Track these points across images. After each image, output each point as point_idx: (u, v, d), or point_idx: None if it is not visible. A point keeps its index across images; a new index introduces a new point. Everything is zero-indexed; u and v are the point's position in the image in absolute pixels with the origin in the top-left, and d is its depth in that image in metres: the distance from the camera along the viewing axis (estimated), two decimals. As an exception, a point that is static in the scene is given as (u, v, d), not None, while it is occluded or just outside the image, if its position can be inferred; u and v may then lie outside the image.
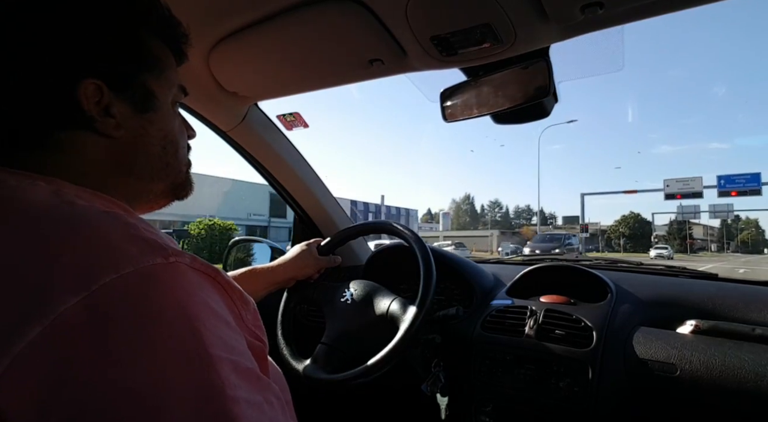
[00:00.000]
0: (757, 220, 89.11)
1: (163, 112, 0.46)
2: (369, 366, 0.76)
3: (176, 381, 0.28)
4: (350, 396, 1.25)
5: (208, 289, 0.35)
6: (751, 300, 0.90)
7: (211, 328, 0.32)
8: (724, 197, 23.90)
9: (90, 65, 0.39)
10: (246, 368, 0.33)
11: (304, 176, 1.24)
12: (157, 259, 0.32)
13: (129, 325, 0.29)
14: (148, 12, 0.43)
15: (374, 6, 0.67)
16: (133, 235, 0.33)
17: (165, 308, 0.30)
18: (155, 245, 0.33)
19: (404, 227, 0.92)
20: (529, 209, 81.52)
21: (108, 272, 0.29)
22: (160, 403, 0.28)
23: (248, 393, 0.32)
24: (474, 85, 0.84)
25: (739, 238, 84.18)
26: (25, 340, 0.27)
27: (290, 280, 0.96)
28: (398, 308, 0.81)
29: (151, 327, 0.29)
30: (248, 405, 0.31)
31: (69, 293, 0.28)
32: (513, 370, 0.88)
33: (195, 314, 0.31)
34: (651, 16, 0.65)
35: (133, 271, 0.30)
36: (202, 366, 0.30)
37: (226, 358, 0.31)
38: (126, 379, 0.27)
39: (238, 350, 0.33)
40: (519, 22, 0.66)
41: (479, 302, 1.04)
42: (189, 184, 0.51)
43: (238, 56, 0.83)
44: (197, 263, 0.35)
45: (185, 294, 0.32)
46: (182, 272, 0.33)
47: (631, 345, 0.83)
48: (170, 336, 0.29)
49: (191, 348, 0.30)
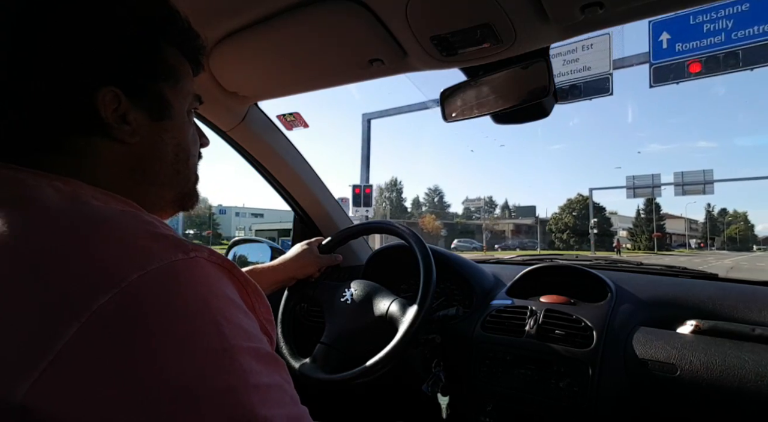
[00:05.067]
0: (745, 213, 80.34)
1: (178, 120, 0.47)
2: (368, 367, 0.76)
3: (206, 371, 0.30)
4: (350, 396, 1.25)
5: (225, 281, 0.36)
6: (751, 300, 0.90)
7: (231, 318, 0.33)
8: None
9: (109, 74, 0.41)
10: (265, 352, 0.35)
11: (304, 175, 1.25)
12: (178, 255, 0.33)
13: (158, 319, 0.30)
14: (167, 24, 0.45)
15: (374, 6, 0.67)
16: (153, 232, 0.35)
17: (189, 302, 0.32)
18: (175, 241, 0.34)
19: (405, 227, 0.92)
20: (492, 201, 67.50)
21: (135, 269, 0.30)
22: (197, 392, 0.29)
23: (269, 376, 0.34)
24: (474, 85, 0.84)
25: (725, 233, 74.56)
26: (65, 338, 0.27)
27: (291, 279, 0.97)
28: (398, 309, 0.81)
29: (178, 321, 0.30)
30: (269, 388, 0.33)
31: (100, 291, 0.29)
32: (513, 370, 0.88)
33: (216, 307, 0.33)
34: (651, 15, 0.65)
35: (157, 267, 0.31)
36: (225, 357, 0.31)
37: (247, 346, 0.33)
38: (162, 370, 0.29)
39: (257, 336, 0.35)
40: (519, 22, 0.66)
41: (479, 302, 1.04)
42: (195, 195, 0.53)
43: (238, 56, 0.83)
44: (214, 256, 0.36)
45: (206, 288, 0.33)
46: (202, 267, 0.34)
47: (631, 345, 0.83)
48: (196, 329, 0.31)
49: (215, 340, 0.31)
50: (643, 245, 47.96)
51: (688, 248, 58.68)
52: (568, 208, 48.92)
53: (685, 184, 27.25)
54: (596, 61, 11.49)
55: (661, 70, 10.47)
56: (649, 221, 48.93)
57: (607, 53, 11.40)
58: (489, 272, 1.17)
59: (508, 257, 1.47)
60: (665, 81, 10.52)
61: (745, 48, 9.55)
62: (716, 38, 9.84)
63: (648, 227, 48.91)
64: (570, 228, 47.20)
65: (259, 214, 59.16)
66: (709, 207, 75.36)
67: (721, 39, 9.80)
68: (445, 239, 43.16)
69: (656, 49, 10.53)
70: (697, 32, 10.08)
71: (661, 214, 51.83)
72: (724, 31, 9.81)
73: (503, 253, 29.10)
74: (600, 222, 41.82)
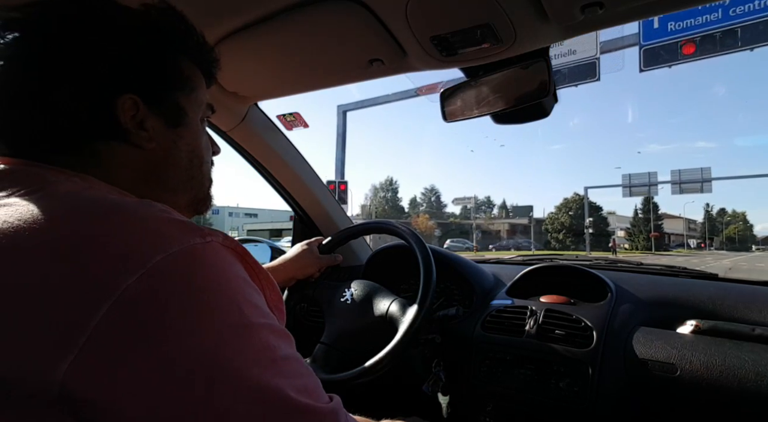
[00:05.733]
0: (744, 213, 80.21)
1: (193, 127, 0.50)
2: (368, 367, 0.76)
3: (230, 345, 0.32)
4: (350, 397, 1.25)
5: (238, 265, 0.38)
6: (751, 300, 0.90)
7: (248, 298, 0.36)
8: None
9: (129, 83, 0.43)
10: (279, 328, 0.37)
11: (304, 175, 1.25)
12: (196, 239, 0.35)
13: (182, 298, 0.32)
14: (184, 39, 0.48)
15: (374, 6, 0.67)
16: (170, 218, 0.36)
17: (210, 282, 0.34)
18: (192, 226, 0.36)
19: (405, 227, 0.92)
20: (489, 201, 68.55)
21: (158, 252, 0.32)
22: (224, 364, 0.31)
23: (286, 349, 0.37)
24: (474, 85, 0.84)
25: (724, 233, 74.61)
26: (97, 317, 0.29)
27: (291, 279, 0.97)
28: (398, 309, 0.81)
29: (201, 299, 0.32)
30: (287, 360, 0.36)
31: (128, 272, 0.31)
32: (513, 370, 0.88)
33: (234, 286, 0.35)
34: (651, 15, 0.65)
35: (178, 250, 0.33)
36: (248, 333, 0.34)
37: (264, 323, 0.36)
38: (189, 345, 0.31)
39: (269, 314, 0.38)
40: (519, 22, 0.66)
41: (479, 302, 1.04)
42: (209, 199, 0.55)
43: (238, 56, 0.83)
44: (228, 241, 0.38)
45: (222, 269, 0.35)
46: (218, 250, 0.36)
47: (632, 345, 0.83)
48: (217, 307, 0.33)
49: (236, 317, 0.34)
50: (640, 245, 47.45)
51: (687, 248, 57.86)
52: (564, 207, 48.76)
53: (682, 182, 26.87)
54: (582, 44, 10.47)
55: (652, 52, 9.58)
56: (647, 221, 48.53)
57: (593, 36, 10.15)
58: (489, 272, 1.17)
59: (508, 257, 1.47)
60: (657, 64, 9.64)
61: (744, 25, 8.62)
62: (713, 15, 8.95)
63: (646, 227, 48.44)
64: (566, 228, 46.99)
65: (252, 214, 58.92)
66: (708, 207, 75.20)
67: (717, 16, 8.91)
68: (439, 239, 42.82)
69: (647, 29, 9.60)
70: (691, 9, 9.00)
71: (659, 214, 51.18)
72: (721, 7, 8.80)
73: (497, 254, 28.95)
74: (597, 222, 41.97)
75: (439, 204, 66.64)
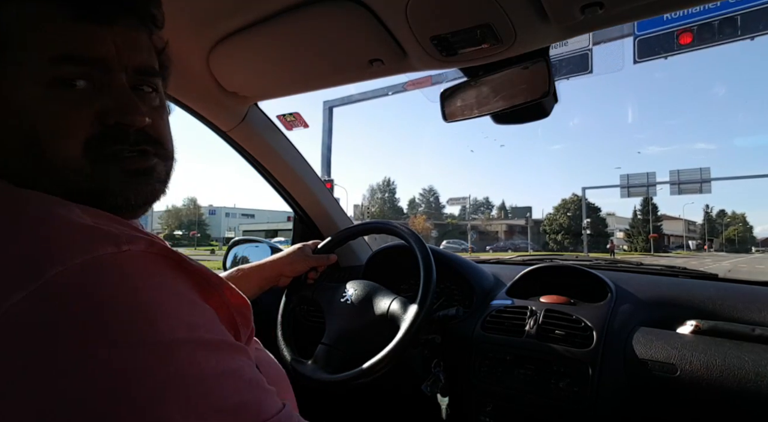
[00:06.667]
0: (744, 215, 79.97)
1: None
2: (369, 367, 0.76)
3: (138, 367, 0.28)
4: (350, 397, 1.25)
5: (169, 272, 0.34)
6: (751, 300, 0.90)
7: (168, 311, 0.31)
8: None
9: None
10: (216, 340, 0.33)
11: (304, 176, 1.25)
12: (107, 248, 0.31)
13: (80, 317, 0.28)
14: None
15: (374, 6, 0.67)
16: (80, 224, 0.32)
17: (116, 297, 0.29)
18: (106, 234, 0.32)
19: (404, 227, 0.92)
20: (488, 202, 68.22)
21: (55, 265, 0.28)
22: (130, 389, 0.27)
23: (222, 364, 0.31)
24: (474, 85, 0.84)
25: (723, 235, 74.38)
26: None
27: (279, 276, 0.95)
28: (398, 308, 0.81)
29: (104, 318, 0.28)
30: (220, 377, 0.31)
31: (14, 289, 0.27)
32: (513, 370, 0.88)
33: (149, 301, 0.30)
34: (651, 15, 0.65)
35: (80, 262, 0.29)
36: (160, 351, 0.29)
37: (189, 337, 0.31)
38: (84, 371, 0.26)
39: (203, 326, 0.33)
40: (519, 22, 0.66)
41: (479, 302, 1.04)
42: (108, 193, 0.46)
43: (238, 56, 0.83)
44: (155, 246, 0.34)
45: (138, 281, 0.31)
46: (135, 260, 0.32)
47: (631, 345, 0.83)
48: (125, 325, 0.28)
49: (149, 335, 0.29)
50: (639, 246, 47.28)
51: (686, 249, 57.68)
52: (562, 208, 48.17)
53: (681, 182, 26.68)
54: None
55: (647, 42, 8.97)
56: (646, 222, 47.87)
57: (586, 27, 9.96)
58: (489, 272, 1.17)
59: (508, 257, 1.47)
60: (652, 55, 9.05)
61: (744, 13, 7.88)
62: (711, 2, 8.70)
63: (645, 229, 47.70)
64: (564, 229, 46.36)
65: (249, 214, 58.88)
66: (708, 208, 75.24)
67: (716, 2, 8.57)
68: (436, 240, 42.71)
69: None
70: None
71: (659, 215, 51.02)
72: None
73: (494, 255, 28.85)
74: (595, 223, 41.61)
75: (438, 205, 66.44)
